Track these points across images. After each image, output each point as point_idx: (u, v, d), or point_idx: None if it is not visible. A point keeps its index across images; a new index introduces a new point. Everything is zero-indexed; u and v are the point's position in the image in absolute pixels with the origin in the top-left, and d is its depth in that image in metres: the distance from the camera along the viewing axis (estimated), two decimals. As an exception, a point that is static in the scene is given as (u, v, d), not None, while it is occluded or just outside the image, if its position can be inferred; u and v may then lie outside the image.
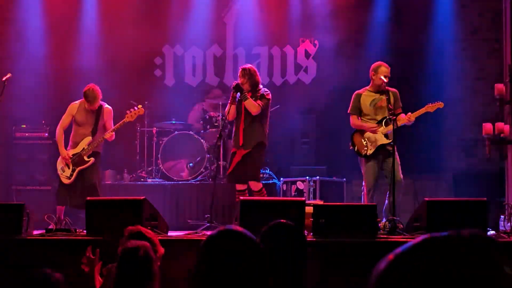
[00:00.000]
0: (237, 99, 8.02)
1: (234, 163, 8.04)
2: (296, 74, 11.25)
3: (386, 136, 7.92)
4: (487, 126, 8.67)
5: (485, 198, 6.73)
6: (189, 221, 8.39)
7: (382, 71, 7.94)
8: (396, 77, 9.16)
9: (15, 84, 9.19)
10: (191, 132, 10.07)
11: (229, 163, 8.28)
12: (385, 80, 7.83)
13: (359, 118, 8.11)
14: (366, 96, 8.10)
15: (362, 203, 8.22)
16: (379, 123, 8.00)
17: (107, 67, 10.85)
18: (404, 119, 7.80)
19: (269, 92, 8.11)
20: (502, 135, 8.65)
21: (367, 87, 8.15)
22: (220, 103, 10.23)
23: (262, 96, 7.99)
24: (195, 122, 10.57)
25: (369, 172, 7.95)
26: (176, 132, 10.06)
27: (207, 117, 10.07)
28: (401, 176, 7.81)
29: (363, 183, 8.10)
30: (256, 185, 8.07)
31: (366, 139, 8.01)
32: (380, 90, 8.00)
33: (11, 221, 6.72)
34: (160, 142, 10.05)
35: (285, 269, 2.18)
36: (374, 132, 7.96)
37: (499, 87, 8.75)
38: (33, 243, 6.63)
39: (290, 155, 10.38)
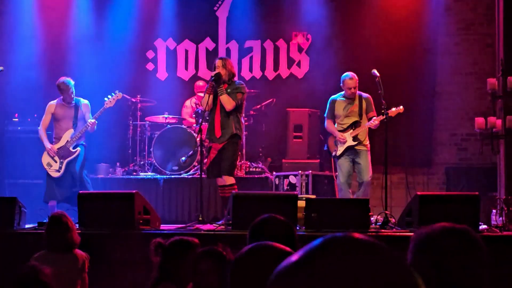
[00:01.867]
0: (214, 90, 7.81)
1: (211, 158, 7.87)
2: (289, 68, 11.23)
3: (354, 138, 8.31)
4: (480, 121, 8.71)
5: (477, 192, 6.75)
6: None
7: (347, 84, 8.36)
8: (388, 72, 9.18)
9: (7, 77, 9.16)
10: (183, 126, 10.04)
11: (206, 158, 8.14)
12: (352, 91, 8.31)
13: (334, 122, 8.55)
14: (340, 101, 8.49)
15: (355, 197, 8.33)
16: (350, 127, 8.39)
17: (100, 61, 10.82)
18: (371, 123, 8.24)
19: (244, 84, 8.02)
20: (494, 129, 8.68)
21: (342, 92, 8.52)
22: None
23: (238, 90, 7.80)
24: (188, 116, 10.54)
25: (341, 169, 8.42)
26: (168, 126, 10.04)
27: (200, 111, 10.05)
28: (369, 178, 8.31)
29: (338, 178, 8.57)
30: (229, 179, 7.82)
31: (336, 141, 8.46)
32: (351, 97, 8.43)
33: (3, 215, 6.72)
34: (153, 136, 10.02)
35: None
36: (342, 141, 8.35)
37: (492, 81, 8.77)
38: (25, 236, 6.63)
39: (283, 149, 10.38)
